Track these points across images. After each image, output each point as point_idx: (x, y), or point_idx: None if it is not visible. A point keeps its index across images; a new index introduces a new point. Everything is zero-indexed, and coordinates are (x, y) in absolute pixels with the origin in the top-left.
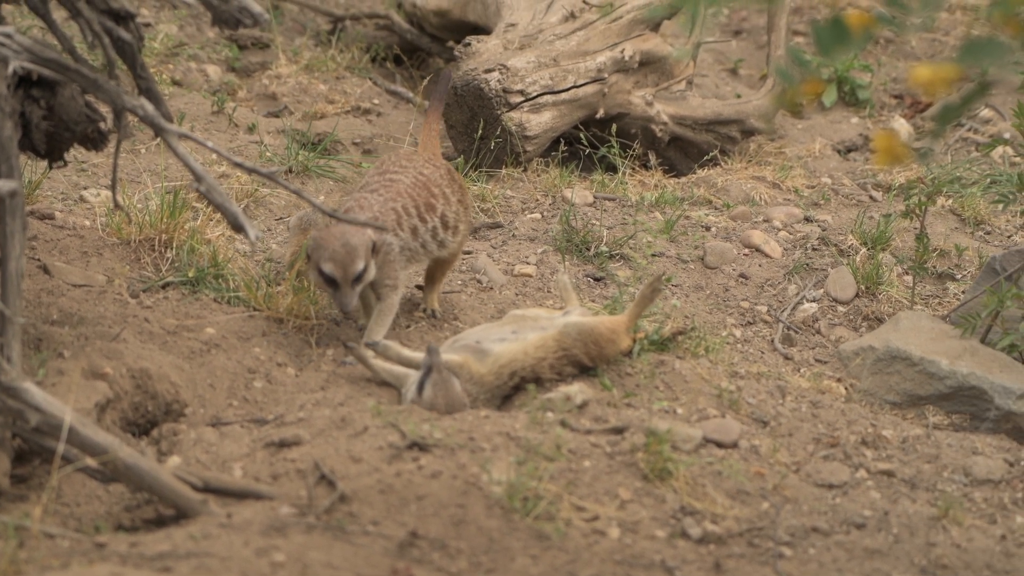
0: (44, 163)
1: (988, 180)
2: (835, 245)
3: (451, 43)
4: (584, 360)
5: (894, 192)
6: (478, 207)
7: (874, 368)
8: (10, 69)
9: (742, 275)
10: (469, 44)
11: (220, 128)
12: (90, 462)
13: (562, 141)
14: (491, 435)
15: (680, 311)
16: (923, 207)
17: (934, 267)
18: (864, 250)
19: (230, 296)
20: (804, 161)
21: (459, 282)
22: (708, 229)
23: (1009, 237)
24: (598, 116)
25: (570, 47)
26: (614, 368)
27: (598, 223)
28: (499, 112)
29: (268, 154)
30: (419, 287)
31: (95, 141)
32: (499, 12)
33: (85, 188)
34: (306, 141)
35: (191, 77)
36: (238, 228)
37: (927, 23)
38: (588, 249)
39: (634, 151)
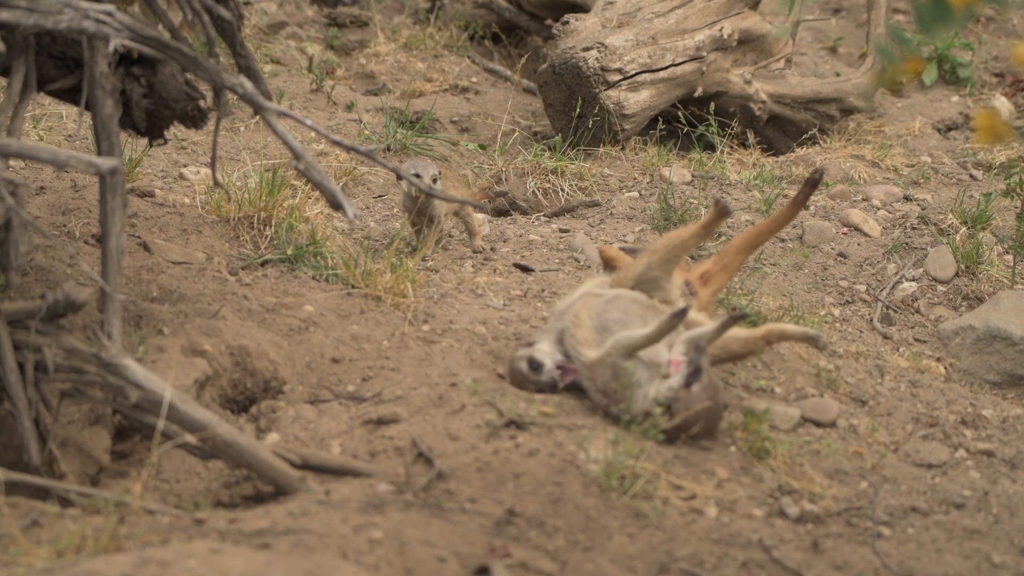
0: (144, 141)
1: None
2: (935, 224)
3: (549, 21)
4: None
5: (995, 171)
6: (576, 185)
7: (974, 348)
8: (111, 47)
9: (841, 254)
10: (567, 22)
11: (319, 106)
12: (189, 439)
13: (660, 119)
14: (588, 413)
15: (777, 288)
16: None
17: None
18: (964, 229)
19: (328, 274)
20: (903, 140)
21: (556, 260)
22: (807, 208)
23: None
24: (696, 94)
25: (668, 25)
26: None
27: (696, 201)
28: (597, 90)
29: (366, 132)
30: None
31: (195, 119)
32: None
33: (185, 166)
34: (404, 119)
35: (290, 55)
36: (336, 206)
37: None
38: None
39: (732, 130)
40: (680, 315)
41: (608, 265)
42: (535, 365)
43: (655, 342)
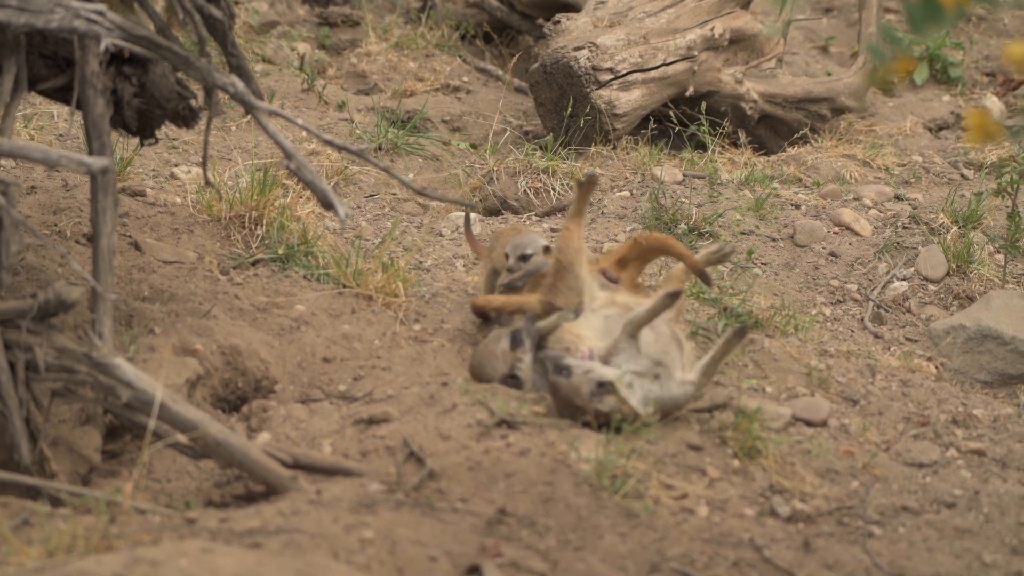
0: (135, 140)
1: None
2: (926, 223)
3: (541, 20)
4: None
5: (986, 170)
6: (567, 185)
7: (965, 347)
8: (102, 46)
9: (832, 253)
10: (559, 22)
11: (310, 106)
12: (181, 438)
13: (651, 119)
14: None
15: (768, 288)
16: (1015, 185)
17: None
18: (955, 228)
19: (320, 273)
20: (895, 139)
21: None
22: (798, 207)
23: None
24: (688, 94)
25: (660, 24)
26: (703, 346)
27: (687, 201)
28: (588, 90)
29: (358, 132)
30: None
31: (186, 118)
32: None
33: (176, 165)
34: (396, 119)
35: (281, 55)
36: (328, 205)
37: (1020, 0)
38: (677, 227)
39: (724, 129)
40: (675, 296)
41: (486, 318)
42: (517, 340)
43: (653, 318)
